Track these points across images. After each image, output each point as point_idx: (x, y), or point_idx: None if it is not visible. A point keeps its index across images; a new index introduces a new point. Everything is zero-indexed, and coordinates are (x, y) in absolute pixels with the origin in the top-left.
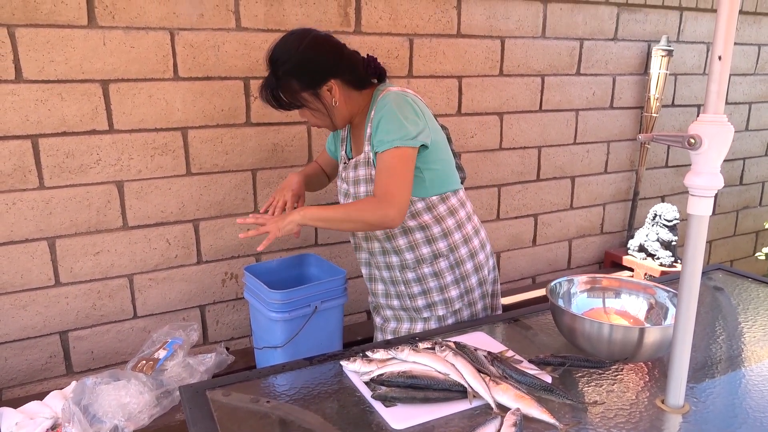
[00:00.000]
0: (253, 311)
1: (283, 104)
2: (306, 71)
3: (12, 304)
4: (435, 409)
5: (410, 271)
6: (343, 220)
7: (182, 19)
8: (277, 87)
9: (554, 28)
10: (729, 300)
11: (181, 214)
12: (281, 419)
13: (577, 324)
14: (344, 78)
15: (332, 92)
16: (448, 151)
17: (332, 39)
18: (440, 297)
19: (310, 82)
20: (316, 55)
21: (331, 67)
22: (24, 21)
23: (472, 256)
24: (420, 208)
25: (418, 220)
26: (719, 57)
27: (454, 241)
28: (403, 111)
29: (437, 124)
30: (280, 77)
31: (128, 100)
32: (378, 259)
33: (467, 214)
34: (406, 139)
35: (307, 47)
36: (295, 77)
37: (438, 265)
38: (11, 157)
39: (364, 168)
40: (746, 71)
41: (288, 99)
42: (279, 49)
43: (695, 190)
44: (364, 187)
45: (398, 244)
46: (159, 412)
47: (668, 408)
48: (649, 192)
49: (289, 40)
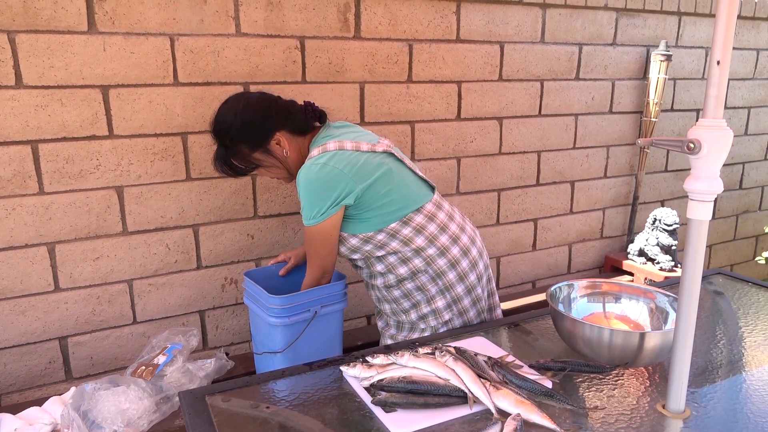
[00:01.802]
0: (252, 316)
1: (238, 170)
2: (250, 132)
3: (11, 310)
4: (435, 415)
5: (395, 289)
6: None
7: (182, 24)
8: (228, 156)
9: (553, 34)
10: (729, 304)
11: (180, 219)
12: (281, 425)
13: (578, 329)
14: (287, 128)
15: (281, 144)
16: (396, 179)
17: (266, 95)
18: (429, 308)
19: (258, 140)
20: (254, 114)
21: (272, 120)
22: (24, 27)
23: (452, 265)
24: (382, 239)
25: (386, 249)
26: (718, 62)
27: (429, 256)
28: (315, 188)
29: (378, 159)
30: (228, 146)
31: (128, 106)
32: (367, 280)
33: (439, 226)
34: (319, 215)
35: (243, 110)
36: (242, 141)
37: (419, 280)
38: (11, 162)
39: None
40: (745, 76)
41: (242, 164)
42: (218, 120)
43: (695, 194)
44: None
45: (376, 270)
46: (158, 418)
47: (669, 413)
48: (648, 196)
49: (224, 109)
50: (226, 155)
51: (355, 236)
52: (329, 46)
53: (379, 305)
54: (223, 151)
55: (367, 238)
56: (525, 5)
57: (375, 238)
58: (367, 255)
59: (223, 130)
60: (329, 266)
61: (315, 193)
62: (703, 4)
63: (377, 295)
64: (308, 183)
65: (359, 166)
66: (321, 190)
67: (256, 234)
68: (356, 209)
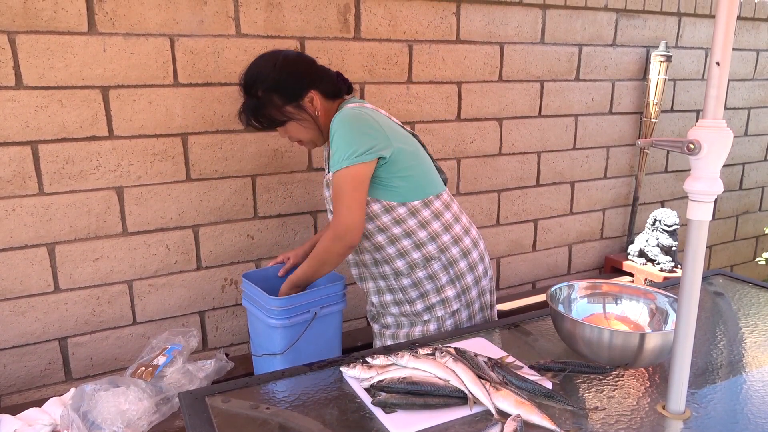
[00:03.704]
0: (251, 318)
1: (266, 123)
2: (286, 85)
3: (11, 311)
4: (435, 416)
5: (405, 278)
6: (319, 267)
7: (182, 25)
8: (259, 107)
9: (553, 34)
10: (729, 305)
11: (180, 220)
12: (281, 425)
13: (578, 329)
14: (321, 88)
15: (313, 103)
16: (421, 157)
17: (303, 54)
18: (438, 298)
19: (292, 94)
20: (293, 68)
21: (308, 77)
22: (24, 28)
23: (464, 255)
24: (403, 213)
25: (403, 227)
26: (717, 63)
27: (443, 243)
28: (354, 127)
29: (405, 132)
30: (261, 96)
31: (128, 107)
32: (371, 270)
33: (454, 216)
34: (351, 157)
35: (283, 63)
36: (277, 92)
37: (431, 267)
38: (11, 163)
39: (327, 189)
40: (745, 76)
41: (273, 115)
42: (253, 71)
43: (695, 195)
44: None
45: (388, 254)
46: (158, 419)
47: (669, 414)
48: (648, 197)
49: (261, 61)
50: (258, 106)
51: (378, 202)
52: (329, 46)
53: (378, 297)
54: (254, 102)
55: (389, 208)
56: (525, 6)
57: (396, 210)
58: (382, 229)
59: (257, 81)
60: (353, 223)
61: (352, 133)
62: (702, 5)
63: (380, 286)
64: (345, 123)
65: (392, 128)
66: (358, 131)
67: (256, 235)
68: (386, 171)
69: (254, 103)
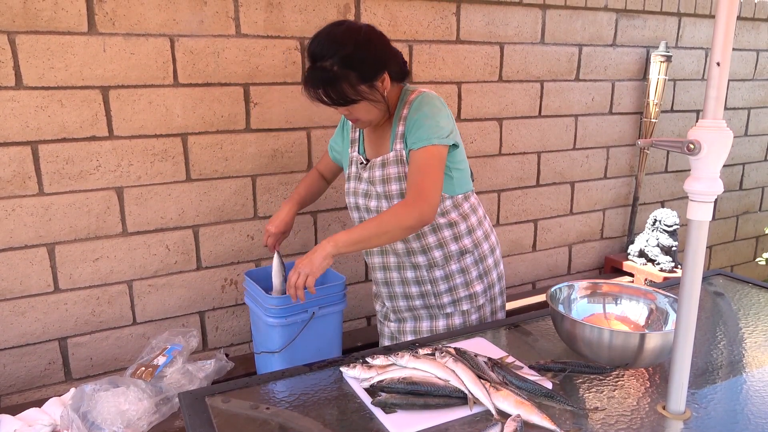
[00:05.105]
0: (253, 316)
1: (336, 99)
2: (366, 64)
3: (11, 311)
4: (435, 416)
5: (438, 269)
6: (379, 234)
7: (182, 25)
8: (333, 80)
9: (553, 34)
10: (729, 305)
11: (180, 220)
12: (281, 426)
13: (578, 330)
14: (391, 69)
15: (384, 84)
16: (464, 154)
17: (379, 31)
18: (466, 293)
19: (369, 74)
20: (373, 47)
21: (385, 58)
22: (24, 28)
23: (492, 251)
24: (449, 205)
25: (447, 218)
26: (717, 63)
27: (477, 237)
28: (440, 109)
29: None
30: (336, 71)
31: (128, 107)
32: (402, 259)
33: (483, 212)
34: (440, 137)
35: (364, 41)
36: (354, 70)
37: (464, 261)
38: (11, 163)
39: (395, 166)
40: (745, 77)
41: (346, 92)
42: (329, 43)
43: (695, 195)
44: (397, 185)
45: (428, 242)
46: (158, 419)
47: (669, 414)
48: (648, 197)
49: (339, 35)
50: (331, 79)
51: None
52: None
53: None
54: (326, 75)
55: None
56: (525, 6)
57: (445, 201)
58: None
59: (335, 54)
60: (435, 200)
61: (440, 114)
62: (702, 5)
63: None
64: (432, 103)
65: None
66: (443, 114)
67: (256, 235)
68: (449, 160)
69: (327, 76)
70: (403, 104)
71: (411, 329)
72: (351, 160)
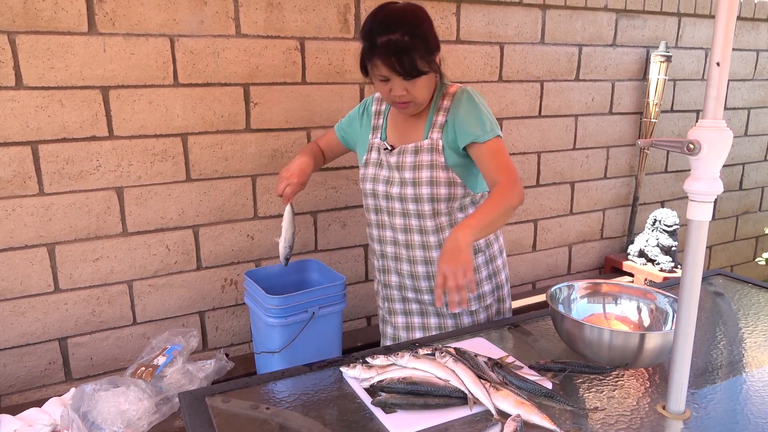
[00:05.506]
0: (253, 316)
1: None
2: (429, 37)
3: (11, 311)
4: (435, 416)
5: None
6: (499, 217)
7: (182, 25)
8: (409, 50)
9: (553, 34)
10: (729, 305)
11: (180, 220)
12: (281, 426)
13: (578, 330)
14: None
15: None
16: None
17: None
18: (476, 292)
19: (432, 47)
20: (431, 23)
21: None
22: (24, 28)
23: (501, 252)
24: (467, 202)
25: (465, 213)
26: (717, 63)
27: (489, 238)
28: (486, 106)
29: None
30: (408, 41)
31: (128, 107)
32: (416, 253)
33: None
34: (498, 130)
35: (425, 16)
36: (423, 42)
37: (477, 260)
38: (11, 163)
39: (428, 154)
40: (745, 77)
41: (418, 63)
42: (396, 16)
43: (695, 195)
44: (428, 172)
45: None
46: (158, 419)
47: (669, 414)
48: (648, 197)
49: (400, 9)
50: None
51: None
52: (329, 47)
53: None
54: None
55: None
56: (525, 6)
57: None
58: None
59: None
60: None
61: (489, 110)
62: (702, 5)
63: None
64: (481, 98)
65: None
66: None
67: (256, 235)
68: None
69: (400, 46)
70: (441, 95)
71: (419, 324)
72: (371, 146)
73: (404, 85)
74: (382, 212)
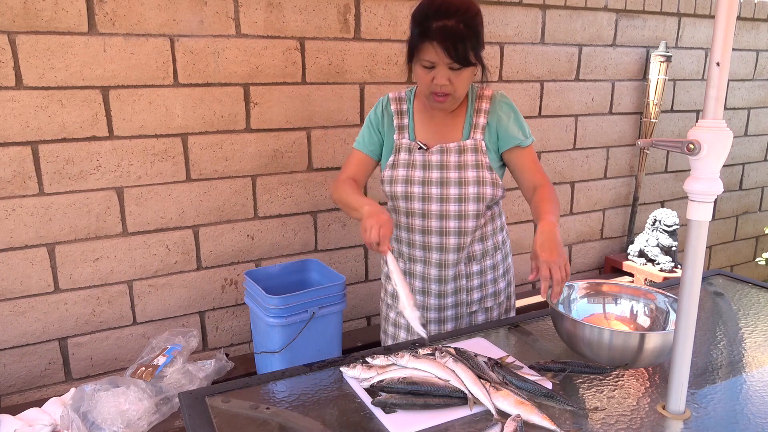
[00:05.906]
0: (253, 316)
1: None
2: (480, 31)
3: (11, 311)
4: (435, 416)
5: (476, 263)
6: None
7: (182, 25)
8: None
9: (553, 35)
10: (729, 305)
11: (180, 220)
12: (281, 426)
13: (578, 330)
14: None
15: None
16: None
17: None
18: (493, 289)
19: (482, 41)
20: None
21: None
22: (24, 28)
23: (510, 251)
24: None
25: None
26: (717, 63)
27: (504, 236)
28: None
29: None
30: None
31: (128, 107)
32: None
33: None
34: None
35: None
36: (475, 33)
37: (495, 257)
38: (11, 163)
39: (473, 154)
40: (745, 77)
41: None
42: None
43: (695, 195)
44: (474, 172)
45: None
46: (158, 419)
47: (669, 414)
48: (648, 197)
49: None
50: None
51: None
52: (329, 47)
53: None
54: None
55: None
56: (525, 6)
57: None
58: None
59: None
60: None
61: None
62: (702, 5)
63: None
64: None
65: None
66: None
67: (256, 235)
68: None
69: (456, 32)
70: (476, 97)
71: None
72: (398, 146)
73: (449, 75)
74: (414, 215)
